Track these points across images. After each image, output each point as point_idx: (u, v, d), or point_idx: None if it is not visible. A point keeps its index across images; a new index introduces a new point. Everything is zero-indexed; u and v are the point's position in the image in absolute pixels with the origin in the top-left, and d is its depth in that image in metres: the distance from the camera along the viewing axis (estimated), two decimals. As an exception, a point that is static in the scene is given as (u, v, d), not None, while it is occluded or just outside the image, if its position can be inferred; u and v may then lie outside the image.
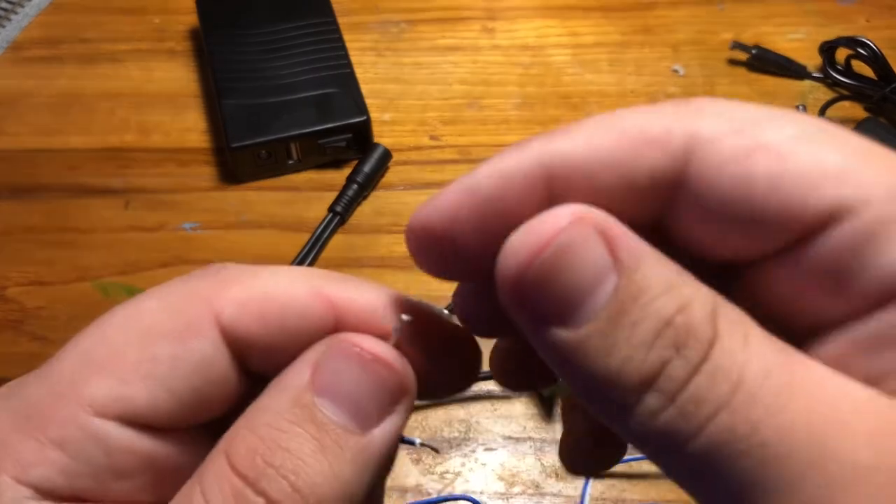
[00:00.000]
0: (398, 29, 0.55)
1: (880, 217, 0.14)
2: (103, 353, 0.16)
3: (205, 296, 0.17)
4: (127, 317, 0.17)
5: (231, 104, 0.46)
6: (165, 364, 0.16)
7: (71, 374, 0.16)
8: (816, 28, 0.55)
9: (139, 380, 0.16)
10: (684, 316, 0.14)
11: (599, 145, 0.15)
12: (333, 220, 0.45)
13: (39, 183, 0.47)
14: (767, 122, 0.15)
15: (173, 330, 0.17)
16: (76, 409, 0.16)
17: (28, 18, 0.56)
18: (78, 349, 0.17)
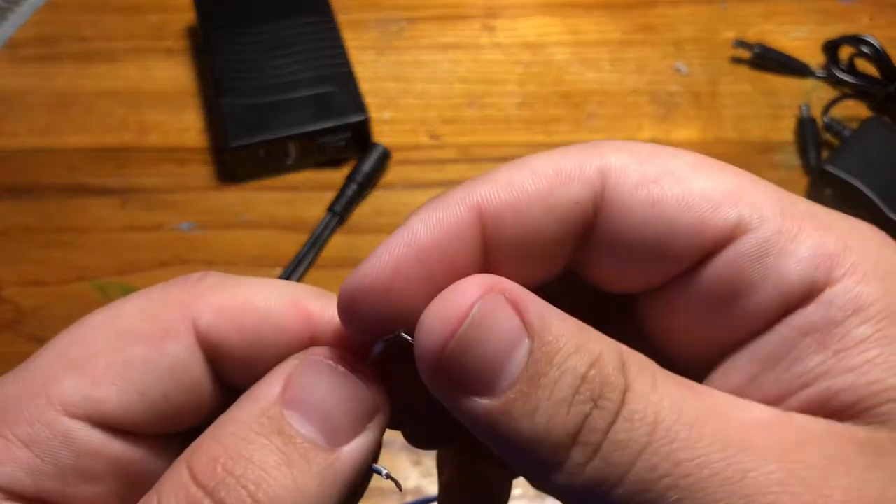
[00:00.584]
0: (398, 27, 0.55)
1: (772, 233, 0.16)
2: (77, 354, 0.16)
3: (183, 301, 0.17)
4: (105, 319, 0.17)
5: (230, 103, 0.46)
6: (138, 367, 0.16)
7: (44, 373, 0.16)
8: (819, 26, 0.55)
9: (111, 381, 0.16)
10: (597, 369, 0.14)
11: (522, 183, 0.16)
12: (333, 220, 0.45)
13: (37, 183, 0.47)
14: (665, 155, 0.17)
15: (149, 333, 0.17)
16: (46, 407, 0.16)
17: (25, 17, 0.56)
18: (53, 349, 0.17)
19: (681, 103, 0.51)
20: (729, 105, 0.51)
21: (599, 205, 0.16)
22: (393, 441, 0.38)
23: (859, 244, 0.16)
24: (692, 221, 0.16)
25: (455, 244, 0.16)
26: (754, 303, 0.16)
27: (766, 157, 0.48)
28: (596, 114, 0.50)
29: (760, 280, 0.16)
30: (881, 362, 0.15)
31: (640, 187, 0.16)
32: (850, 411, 0.15)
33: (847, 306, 0.15)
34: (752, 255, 0.16)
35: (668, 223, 0.16)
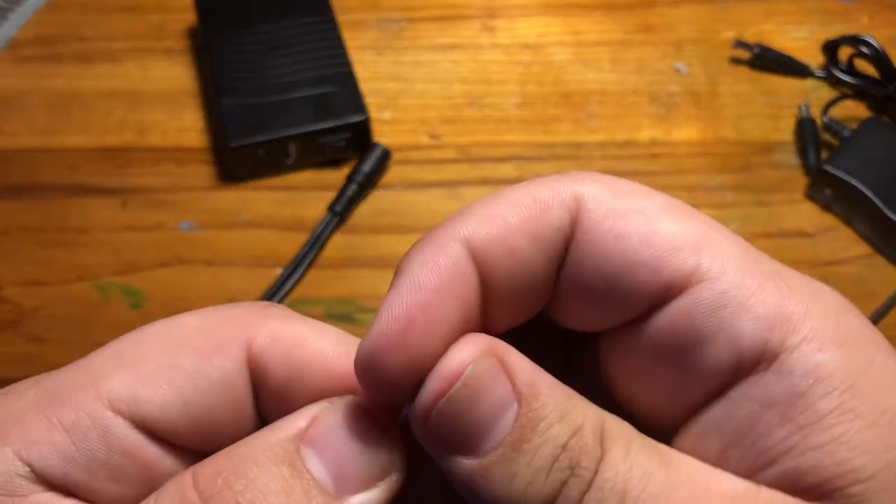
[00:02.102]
0: (398, 27, 0.55)
1: (730, 287, 0.16)
2: (132, 354, 0.17)
3: (242, 321, 0.18)
4: (164, 326, 0.17)
5: (229, 103, 0.46)
6: (187, 374, 0.17)
7: (97, 367, 0.17)
8: (819, 27, 0.55)
9: (158, 384, 0.16)
10: (577, 439, 0.15)
11: (504, 216, 0.17)
12: (333, 220, 0.45)
13: (37, 182, 0.47)
14: (639, 193, 0.17)
15: (203, 345, 0.17)
16: (92, 398, 0.16)
17: (25, 17, 0.56)
18: (111, 347, 0.17)
19: (680, 103, 0.51)
20: (728, 105, 0.51)
21: (573, 233, 0.17)
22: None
23: (820, 309, 0.16)
24: (651, 261, 0.16)
25: (458, 284, 0.16)
26: (707, 356, 0.16)
27: (765, 156, 0.48)
28: (596, 114, 0.50)
29: (713, 334, 0.15)
30: (847, 440, 0.15)
31: (607, 219, 0.16)
32: (819, 491, 0.15)
33: (808, 376, 0.15)
34: (706, 305, 0.16)
35: (627, 259, 0.16)
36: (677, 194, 0.51)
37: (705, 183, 0.47)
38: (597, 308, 0.17)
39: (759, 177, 0.47)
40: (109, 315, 0.42)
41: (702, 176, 0.47)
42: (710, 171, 0.48)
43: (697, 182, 0.47)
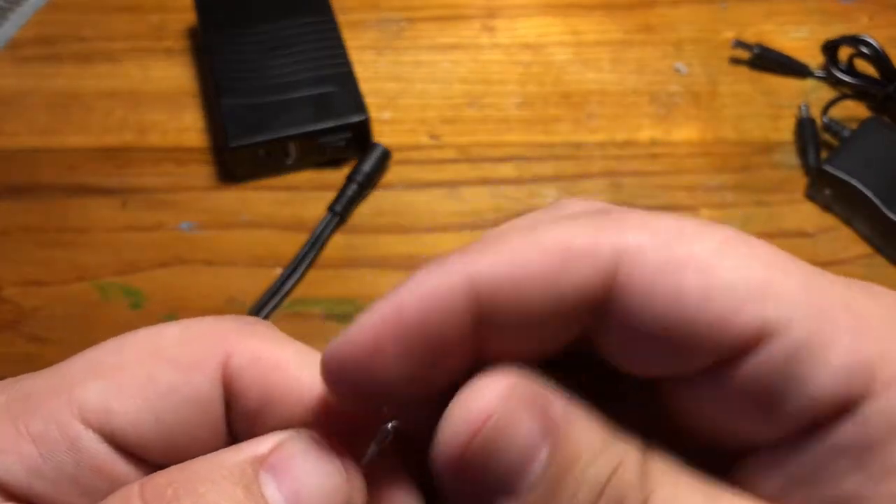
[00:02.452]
0: (398, 27, 0.55)
1: (801, 339, 0.14)
2: (110, 363, 0.16)
3: (223, 337, 0.17)
4: (145, 335, 0.17)
5: (229, 103, 0.46)
6: (161, 389, 0.16)
7: (73, 375, 0.16)
8: (819, 27, 0.55)
9: (131, 396, 0.16)
10: (618, 478, 0.14)
11: (526, 261, 0.15)
12: (333, 220, 0.45)
13: (37, 182, 0.47)
14: (691, 234, 0.15)
15: (180, 359, 0.17)
16: (64, 408, 0.16)
17: (25, 17, 0.56)
18: (89, 354, 0.17)
19: (680, 103, 0.51)
20: (728, 105, 0.51)
21: (610, 292, 0.15)
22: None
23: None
24: (713, 321, 0.15)
25: (442, 318, 0.15)
26: (781, 409, 0.15)
27: (765, 156, 0.48)
28: (596, 114, 0.50)
29: (788, 388, 0.15)
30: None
31: (658, 275, 0.15)
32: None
33: (886, 425, 0.14)
34: (778, 363, 0.14)
35: (687, 321, 0.15)
36: (677, 194, 0.51)
37: (705, 183, 0.47)
38: (654, 362, 0.16)
39: (759, 177, 0.48)
40: (109, 315, 0.42)
41: (702, 176, 0.47)
42: (710, 171, 0.48)
43: (697, 182, 0.47)
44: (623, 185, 0.47)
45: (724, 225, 0.16)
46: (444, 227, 0.45)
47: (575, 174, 0.48)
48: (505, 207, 0.46)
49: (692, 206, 0.46)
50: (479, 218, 0.46)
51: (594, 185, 0.47)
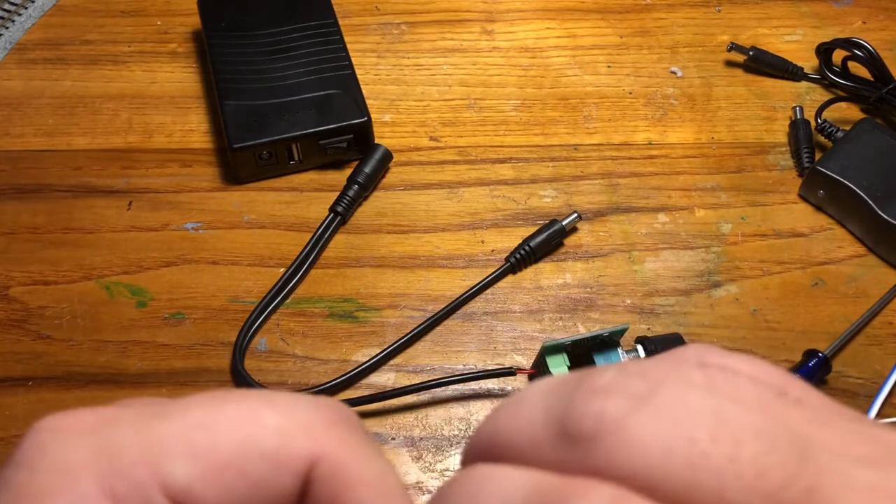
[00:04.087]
0: (399, 31, 0.56)
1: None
2: (202, 442, 0.16)
3: (317, 436, 0.17)
4: (243, 413, 0.16)
5: (232, 105, 0.47)
6: (248, 484, 0.16)
7: (165, 445, 0.16)
8: (813, 30, 0.56)
9: (218, 485, 0.16)
10: None
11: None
12: (334, 220, 0.46)
13: (43, 183, 0.48)
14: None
15: (274, 456, 0.16)
16: (151, 477, 0.15)
17: (32, 20, 0.57)
18: (186, 417, 0.16)
19: (676, 106, 0.52)
20: (723, 107, 0.52)
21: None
22: (396, 435, 0.39)
23: None
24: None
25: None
26: None
27: (759, 158, 0.49)
28: (593, 116, 0.51)
29: None
30: None
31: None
32: None
33: None
34: None
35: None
36: (673, 195, 0.52)
37: (700, 184, 0.48)
38: None
39: (753, 178, 0.48)
40: (116, 314, 0.42)
41: (697, 177, 0.48)
42: (705, 173, 0.48)
43: (693, 183, 0.48)
44: (619, 185, 0.48)
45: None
46: (444, 227, 0.46)
47: (572, 175, 0.48)
48: (503, 208, 0.47)
49: (687, 207, 0.47)
50: (478, 218, 0.46)
51: (591, 186, 0.48)
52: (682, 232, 0.46)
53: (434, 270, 0.44)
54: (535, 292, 0.43)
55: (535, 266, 0.44)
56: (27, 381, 0.40)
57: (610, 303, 0.43)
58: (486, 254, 0.45)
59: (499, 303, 0.43)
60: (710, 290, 0.43)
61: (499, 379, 0.40)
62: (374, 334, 0.42)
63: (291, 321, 0.42)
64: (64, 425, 0.16)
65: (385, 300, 0.43)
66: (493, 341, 0.42)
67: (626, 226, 0.46)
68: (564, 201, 0.47)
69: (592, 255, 0.45)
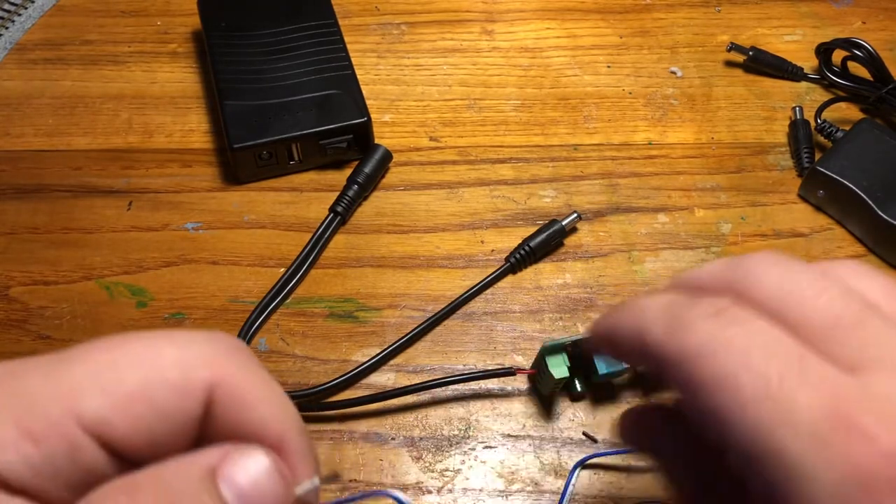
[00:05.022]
0: (399, 31, 0.56)
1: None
2: (108, 377, 0.17)
3: (214, 363, 0.19)
4: (142, 349, 0.18)
5: (232, 105, 0.47)
6: (156, 409, 0.18)
7: (74, 382, 0.17)
8: (812, 30, 0.56)
9: (130, 413, 0.17)
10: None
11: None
12: (334, 220, 0.46)
13: (43, 183, 0.48)
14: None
15: (176, 382, 0.18)
16: (66, 415, 0.17)
17: (32, 21, 0.57)
18: (90, 358, 0.18)
19: (676, 106, 0.52)
20: (723, 107, 0.52)
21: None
22: (396, 435, 0.39)
23: None
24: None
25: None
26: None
27: (759, 158, 0.49)
28: (593, 116, 0.51)
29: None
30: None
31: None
32: None
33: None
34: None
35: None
36: (673, 195, 0.52)
37: (700, 184, 0.48)
38: None
39: (753, 178, 0.48)
40: (116, 314, 0.42)
41: (697, 177, 0.48)
42: (705, 173, 0.49)
43: (692, 183, 0.48)
44: (619, 185, 0.48)
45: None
46: (444, 227, 0.46)
47: (572, 175, 0.48)
48: (503, 208, 0.47)
49: (687, 207, 0.47)
50: (478, 218, 0.47)
51: (591, 186, 0.48)
52: (681, 232, 0.46)
53: (434, 270, 0.44)
54: (535, 292, 0.43)
55: (535, 266, 0.45)
56: (27, 381, 0.40)
57: (610, 303, 0.43)
58: (486, 254, 0.45)
59: (499, 303, 0.43)
60: (709, 290, 0.43)
61: (499, 379, 0.40)
62: (374, 334, 0.42)
63: (291, 321, 0.42)
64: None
65: (385, 300, 0.43)
66: (493, 341, 0.42)
67: (626, 226, 0.46)
68: (564, 201, 0.47)
69: (592, 255, 0.45)
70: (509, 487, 0.37)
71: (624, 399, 0.40)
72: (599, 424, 0.39)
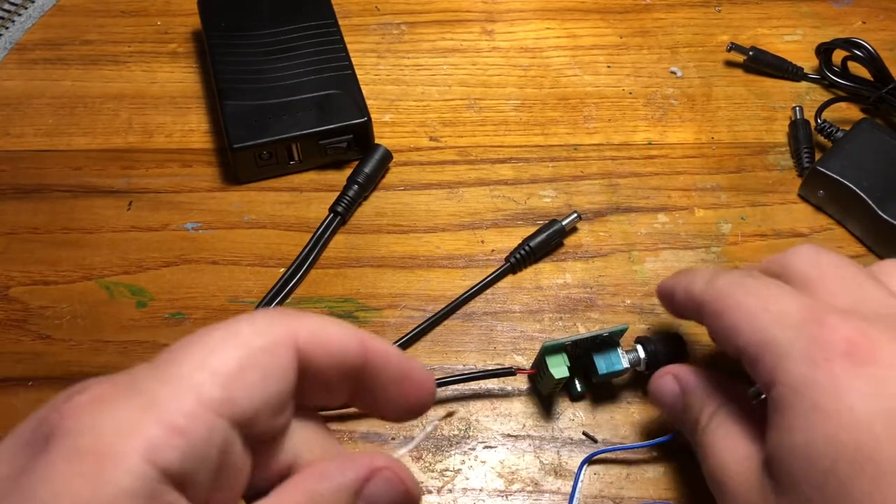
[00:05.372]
0: (399, 31, 0.56)
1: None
2: (214, 362, 0.19)
3: (285, 321, 0.21)
4: (226, 333, 0.20)
5: (232, 105, 0.47)
6: (260, 374, 0.19)
7: (191, 376, 0.19)
8: (812, 30, 0.56)
9: (242, 386, 0.19)
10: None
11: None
12: (334, 220, 0.46)
13: (43, 183, 0.48)
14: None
15: (263, 346, 0.20)
16: (199, 405, 0.18)
17: (32, 21, 0.57)
18: (192, 355, 0.19)
19: (676, 106, 0.52)
20: (723, 107, 0.52)
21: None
22: (396, 435, 0.39)
23: None
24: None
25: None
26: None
27: (759, 158, 0.49)
28: (593, 116, 0.51)
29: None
30: None
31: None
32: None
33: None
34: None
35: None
36: (673, 195, 0.52)
37: (700, 184, 0.48)
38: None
39: (753, 178, 0.48)
40: (116, 314, 0.42)
41: (697, 177, 0.48)
42: (705, 173, 0.49)
43: (692, 183, 0.48)
44: (619, 186, 0.48)
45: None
46: (444, 227, 0.46)
47: (572, 175, 0.48)
48: (503, 208, 0.47)
49: (687, 207, 0.47)
50: (478, 218, 0.47)
51: (591, 186, 0.48)
52: (681, 232, 0.46)
53: (434, 270, 0.44)
54: (535, 292, 0.43)
55: (535, 266, 0.45)
56: (27, 382, 0.40)
57: (610, 303, 0.43)
58: (486, 254, 0.45)
59: (499, 303, 0.43)
60: (709, 290, 0.43)
61: (499, 379, 0.40)
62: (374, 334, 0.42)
63: (291, 321, 0.42)
64: (98, 395, 0.18)
65: (385, 300, 0.43)
66: (493, 341, 0.42)
67: (626, 226, 0.46)
68: (564, 201, 0.47)
69: (592, 255, 0.45)
70: (509, 487, 0.37)
71: (624, 399, 0.40)
72: (599, 424, 0.39)
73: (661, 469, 0.37)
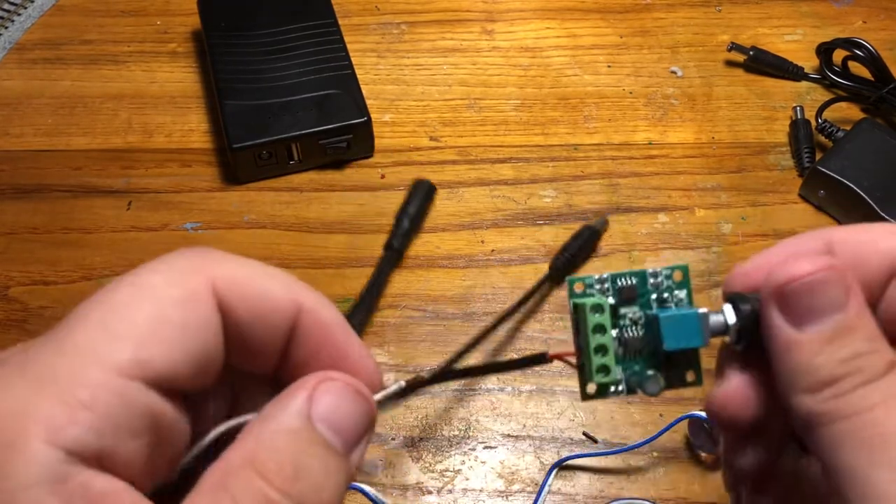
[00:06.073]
0: (399, 31, 0.56)
1: None
2: (119, 322, 0.17)
3: (202, 268, 0.19)
4: (134, 287, 0.18)
5: (232, 105, 0.47)
6: (177, 328, 0.18)
7: (91, 342, 0.17)
8: (813, 30, 0.56)
9: (156, 344, 0.17)
10: (870, 356, 0.19)
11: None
12: (391, 257, 0.45)
13: (43, 183, 0.48)
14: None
15: (179, 297, 0.18)
16: (103, 372, 0.17)
17: (31, 20, 0.57)
18: (92, 319, 0.17)
19: (676, 105, 0.52)
20: (724, 107, 0.52)
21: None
22: (396, 435, 0.39)
23: None
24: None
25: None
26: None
27: (760, 158, 0.49)
28: (593, 116, 0.51)
29: None
30: None
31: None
32: None
33: None
34: None
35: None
36: (673, 195, 0.52)
37: (701, 184, 0.48)
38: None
39: (753, 178, 0.48)
40: (115, 313, 0.42)
41: (697, 177, 0.48)
42: (706, 172, 0.48)
43: (693, 183, 0.48)
44: (620, 185, 0.48)
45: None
46: (444, 227, 0.46)
47: (572, 175, 0.48)
48: (503, 208, 0.47)
49: (688, 207, 0.47)
50: (478, 218, 0.46)
51: (591, 186, 0.48)
52: (682, 232, 0.46)
53: (434, 270, 0.44)
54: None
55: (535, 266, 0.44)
56: (27, 382, 0.40)
57: (610, 303, 0.43)
58: (486, 254, 0.45)
59: (499, 303, 0.43)
60: (710, 290, 0.43)
61: (499, 379, 0.40)
62: (374, 334, 0.42)
63: (291, 321, 0.42)
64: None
65: (385, 300, 0.43)
66: (493, 341, 0.42)
67: (626, 226, 0.46)
68: (564, 201, 0.47)
69: (592, 255, 0.45)
70: (509, 487, 0.37)
71: (624, 399, 0.39)
72: (599, 424, 0.39)
73: (661, 469, 0.37)
